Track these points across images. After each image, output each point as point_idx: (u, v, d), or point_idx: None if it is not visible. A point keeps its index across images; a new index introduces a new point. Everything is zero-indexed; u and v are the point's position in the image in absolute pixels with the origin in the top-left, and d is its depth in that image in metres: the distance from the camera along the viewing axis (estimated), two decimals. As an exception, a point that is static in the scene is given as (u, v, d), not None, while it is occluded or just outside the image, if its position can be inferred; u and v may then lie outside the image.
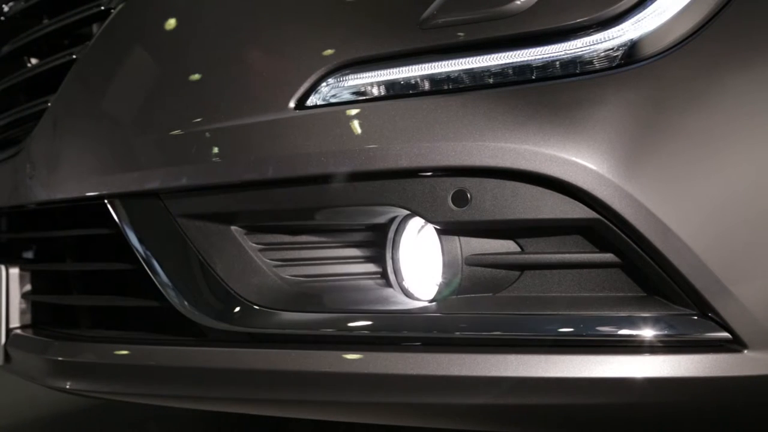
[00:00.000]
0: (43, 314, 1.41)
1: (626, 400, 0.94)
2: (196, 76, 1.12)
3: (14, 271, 1.40)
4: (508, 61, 0.95)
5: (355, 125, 1.00)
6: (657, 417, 0.99)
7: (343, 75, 1.01)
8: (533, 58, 0.94)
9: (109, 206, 1.17)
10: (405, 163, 0.97)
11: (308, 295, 1.08)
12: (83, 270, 1.33)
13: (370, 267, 1.09)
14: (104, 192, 1.16)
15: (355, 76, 1.00)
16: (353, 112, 1.00)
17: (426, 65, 0.97)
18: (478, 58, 0.96)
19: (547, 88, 0.93)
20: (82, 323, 1.32)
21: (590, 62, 0.93)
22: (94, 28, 1.29)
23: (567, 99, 0.93)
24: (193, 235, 1.10)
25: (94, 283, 1.33)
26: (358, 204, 1.04)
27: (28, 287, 1.41)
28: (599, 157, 0.91)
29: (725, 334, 0.92)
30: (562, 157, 0.92)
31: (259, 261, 1.09)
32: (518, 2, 0.94)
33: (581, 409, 0.97)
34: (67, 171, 1.23)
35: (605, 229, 0.93)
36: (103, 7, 1.24)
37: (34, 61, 1.47)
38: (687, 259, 0.90)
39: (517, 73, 0.95)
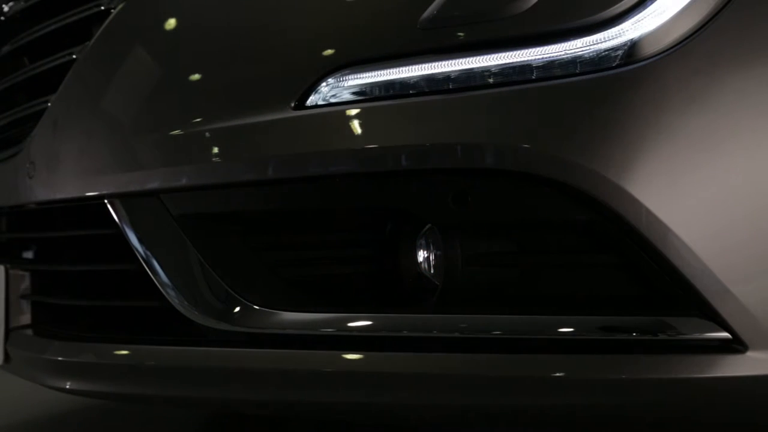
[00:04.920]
0: (43, 314, 1.41)
1: (626, 400, 0.94)
2: (195, 76, 1.12)
3: (14, 271, 1.40)
4: (507, 61, 0.95)
5: (355, 125, 1.00)
6: (657, 417, 0.99)
7: (343, 75, 1.01)
8: (533, 58, 0.94)
9: (109, 206, 1.17)
10: (405, 163, 0.97)
11: (308, 295, 1.08)
12: (83, 270, 1.33)
13: (371, 267, 1.09)
14: (104, 192, 1.16)
15: (355, 76, 1.00)
16: (353, 112, 1.00)
17: (426, 65, 0.97)
18: (478, 58, 0.96)
19: (547, 88, 0.93)
20: (82, 323, 1.32)
21: (590, 62, 0.93)
22: (94, 28, 1.29)
23: (567, 99, 0.93)
24: (193, 235, 1.10)
25: (94, 283, 1.33)
26: (358, 204, 1.04)
27: (28, 287, 1.41)
28: (599, 158, 0.91)
29: (725, 335, 0.92)
30: (562, 157, 0.92)
31: (259, 261, 1.09)
32: (518, 2, 0.94)
33: (581, 409, 0.97)
34: (67, 171, 1.23)
35: (605, 229, 0.93)
36: (103, 7, 1.24)
37: (34, 61, 1.47)
38: (687, 259, 0.90)
39: (516, 73, 0.94)
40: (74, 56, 1.26)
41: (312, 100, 1.02)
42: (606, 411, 0.97)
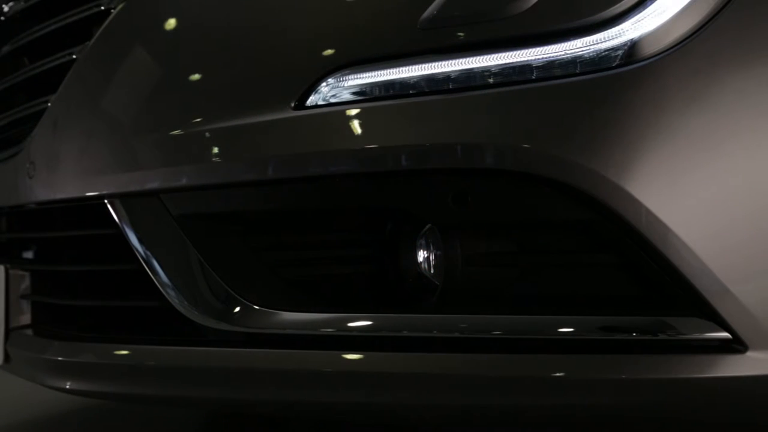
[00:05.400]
0: (43, 314, 1.41)
1: (626, 400, 0.94)
2: (195, 76, 1.12)
3: (14, 271, 1.40)
4: (507, 61, 0.95)
5: (355, 125, 1.00)
6: (657, 417, 0.99)
7: (343, 75, 1.01)
8: (533, 58, 0.94)
9: (109, 206, 1.17)
10: (405, 163, 0.97)
11: (308, 296, 1.08)
12: (83, 270, 1.33)
13: (371, 267, 1.09)
14: (104, 192, 1.16)
15: (355, 76, 1.00)
16: (353, 112, 1.00)
17: (425, 65, 0.97)
18: (478, 58, 0.96)
19: (547, 88, 0.93)
20: (82, 323, 1.32)
21: (590, 62, 0.93)
22: (94, 28, 1.29)
23: (567, 99, 0.93)
24: (193, 235, 1.10)
25: (94, 283, 1.33)
26: (358, 204, 1.04)
27: (28, 287, 1.41)
28: (599, 157, 0.91)
29: (725, 335, 0.92)
30: (561, 157, 0.92)
31: (259, 261, 1.09)
32: (518, 2, 0.94)
33: (581, 409, 0.97)
34: (67, 171, 1.23)
35: (605, 229, 0.93)
36: (103, 7, 1.24)
37: (34, 61, 1.47)
38: (687, 259, 0.90)
39: (516, 73, 0.94)
40: (74, 56, 1.26)
41: (312, 100, 1.02)
42: (606, 411, 0.97)
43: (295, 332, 1.05)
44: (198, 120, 1.08)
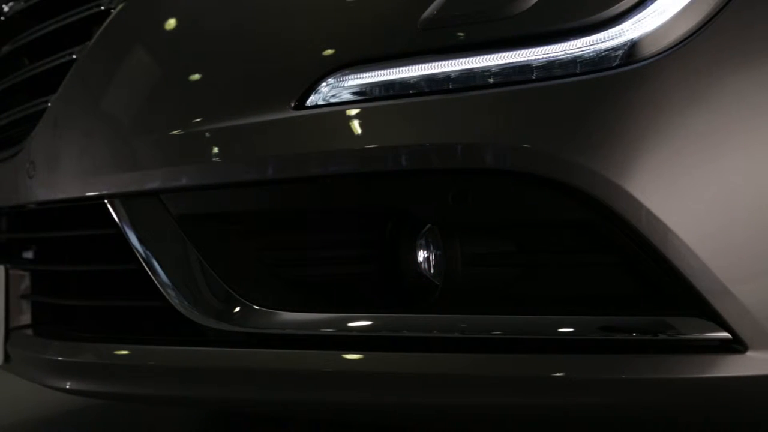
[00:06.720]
0: (43, 314, 1.41)
1: (626, 400, 0.94)
2: (195, 76, 1.12)
3: (14, 272, 1.40)
4: (507, 61, 0.95)
5: (355, 125, 1.00)
6: (657, 417, 0.99)
7: (343, 75, 1.01)
8: (533, 58, 0.94)
9: (109, 206, 1.17)
10: (405, 163, 0.97)
11: (308, 295, 1.08)
12: (83, 270, 1.33)
13: (370, 267, 1.09)
14: (104, 192, 1.16)
15: (355, 77, 1.00)
16: (353, 112, 1.00)
17: (425, 65, 0.97)
18: (478, 58, 0.96)
19: (547, 89, 0.93)
20: (82, 323, 1.32)
21: (590, 62, 0.93)
22: (94, 28, 1.29)
23: (567, 99, 0.93)
24: (193, 235, 1.10)
25: (94, 283, 1.33)
26: (358, 204, 1.04)
27: (28, 287, 1.41)
28: (599, 157, 0.91)
29: (725, 335, 0.92)
30: (561, 157, 0.92)
31: (259, 261, 1.09)
32: (518, 2, 0.94)
33: (581, 409, 0.97)
34: (67, 171, 1.23)
35: (605, 229, 0.93)
36: (103, 7, 1.24)
37: (34, 61, 1.47)
38: (687, 259, 0.90)
39: (516, 74, 0.94)
40: (74, 56, 1.26)
41: (312, 100, 1.02)
42: (606, 411, 0.97)
43: (295, 332, 1.05)
44: (198, 120, 1.08)
